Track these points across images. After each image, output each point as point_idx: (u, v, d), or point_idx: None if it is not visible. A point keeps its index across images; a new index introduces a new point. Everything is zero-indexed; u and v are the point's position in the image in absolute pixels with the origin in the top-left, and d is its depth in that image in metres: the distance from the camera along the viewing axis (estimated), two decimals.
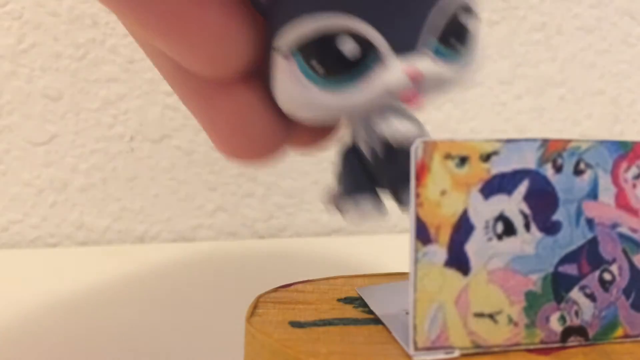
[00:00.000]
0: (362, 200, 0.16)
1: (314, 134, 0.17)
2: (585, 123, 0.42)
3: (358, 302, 0.18)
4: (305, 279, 0.22)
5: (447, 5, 0.14)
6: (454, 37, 0.14)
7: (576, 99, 0.41)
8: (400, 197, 0.16)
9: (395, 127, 0.15)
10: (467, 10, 0.14)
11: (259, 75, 0.15)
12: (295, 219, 0.38)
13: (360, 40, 0.14)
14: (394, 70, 0.14)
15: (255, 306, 0.18)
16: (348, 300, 0.18)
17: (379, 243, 0.36)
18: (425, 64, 0.14)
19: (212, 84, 0.16)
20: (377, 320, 0.17)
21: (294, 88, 0.14)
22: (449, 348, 0.14)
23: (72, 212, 0.36)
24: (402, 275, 0.20)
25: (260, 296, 0.19)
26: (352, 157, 0.16)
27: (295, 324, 0.16)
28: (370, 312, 0.17)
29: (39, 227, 0.36)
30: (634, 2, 0.41)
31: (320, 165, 0.38)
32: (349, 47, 0.14)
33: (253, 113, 0.16)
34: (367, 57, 0.14)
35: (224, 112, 0.16)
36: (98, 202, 0.36)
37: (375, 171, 0.16)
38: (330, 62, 0.14)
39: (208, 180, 0.37)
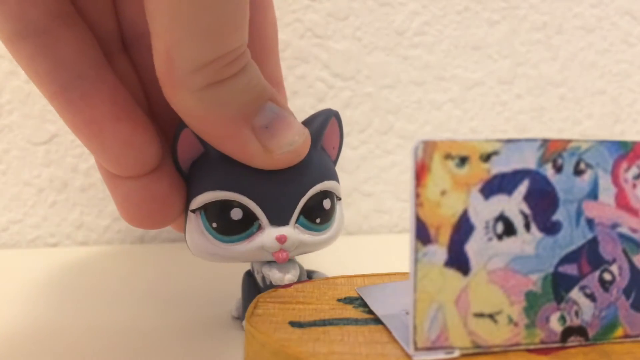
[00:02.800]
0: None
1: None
2: (585, 123, 0.42)
3: (358, 302, 0.18)
4: None
5: (313, 194, 0.20)
6: (315, 215, 0.20)
7: (576, 98, 0.41)
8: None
9: (271, 271, 0.20)
10: (327, 195, 0.20)
11: (158, 172, 0.20)
12: None
13: (249, 212, 0.19)
14: (268, 236, 0.19)
15: (255, 306, 0.18)
16: (348, 300, 0.18)
17: (379, 243, 0.36)
18: (290, 232, 0.19)
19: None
20: (377, 320, 0.17)
21: (199, 238, 0.20)
22: (449, 348, 0.14)
23: (72, 211, 0.36)
24: (402, 275, 0.20)
25: (260, 296, 0.19)
26: (251, 283, 0.22)
27: (295, 324, 0.16)
28: (370, 312, 0.17)
29: (39, 227, 0.36)
30: (634, 1, 0.41)
31: None
32: (236, 214, 0.19)
33: (155, 197, 0.20)
34: (252, 224, 0.19)
35: (129, 195, 0.20)
36: (98, 202, 0.36)
37: (264, 289, 0.21)
38: (224, 224, 0.19)
39: None
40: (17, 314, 0.24)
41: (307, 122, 0.21)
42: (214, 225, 0.19)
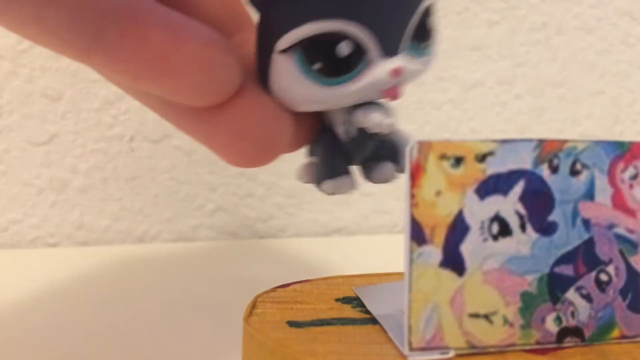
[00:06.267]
0: (337, 175, 0.18)
1: (306, 127, 0.18)
2: (585, 123, 0.42)
3: (356, 302, 0.18)
4: (305, 278, 0.22)
5: (421, 11, 0.16)
6: (423, 36, 0.17)
7: (576, 99, 0.41)
8: (368, 174, 0.18)
9: (370, 115, 0.17)
10: (430, 12, 0.17)
11: (250, 83, 0.16)
12: (295, 219, 0.38)
13: (358, 44, 0.15)
14: (382, 70, 0.16)
15: (253, 306, 0.18)
16: (346, 300, 0.18)
17: (379, 243, 0.36)
18: (404, 63, 0.16)
19: (207, 108, 0.16)
20: (374, 320, 0.17)
21: (294, 85, 0.16)
22: (444, 348, 0.14)
23: (72, 212, 0.36)
24: (401, 275, 0.20)
25: (258, 296, 0.19)
26: (328, 138, 0.18)
27: (293, 324, 0.16)
28: (368, 312, 0.17)
29: (39, 227, 0.36)
30: (634, 2, 0.41)
31: None
32: (345, 50, 0.15)
33: (252, 121, 0.16)
34: (360, 57, 0.16)
35: (224, 127, 0.16)
36: (98, 202, 0.36)
37: (349, 150, 0.17)
38: (328, 63, 0.16)
39: (208, 180, 0.37)
40: (17, 314, 0.24)
41: None
42: (317, 66, 0.16)
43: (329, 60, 0.16)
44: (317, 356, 0.14)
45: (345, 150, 0.18)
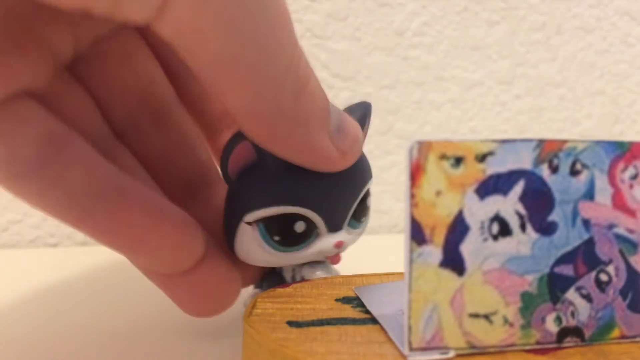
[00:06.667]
0: None
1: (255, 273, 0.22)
2: (585, 123, 0.42)
3: (356, 302, 0.18)
4: None
5: (363, 195, 0.20)
6: (360, 214, 0.21)
7: (576, 99, 0.41)
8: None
9: (316, 272, 0.21)
10: (367, 195, 0.21)
11: (210, 249, 0.19)
12: None
13: (310, 223, 0.19)
14: (327, 242, 0.20)
15: (253, 306, 0.18)
16: (346, 300, 0.18)
17: (379, 243, 0.36)
18: (345, 237, 0.20)
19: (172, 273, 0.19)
20: (374, 320, 0.17)
21: (257, 249, 0.19)
22: (444, 348, 0.14)
23: None
24: (401, 275, 0.20)
25: (258, 295, 0.19)
26: (274, 278, 0.22)
27: (293, 324, 0.16)
28: (368, 312, 0.17)
29: (39, 227, 0.36)
30: (634, 2, 0.41)
31: None
32: (300, 227, 0.19)
33: (207, 286, 0.19)
34: (311, 232, 0.19)
35: (184, 289, 0.19)
36: None
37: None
38: (285, 235, 0.19)
39: None
40: (16, 314, 0.24)
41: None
42: (276, 238, 0.19)
43: (287, 234, 0.19)
44: (317, 356, 0.14)
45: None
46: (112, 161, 0.19)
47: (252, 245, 0.19)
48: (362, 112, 0.20)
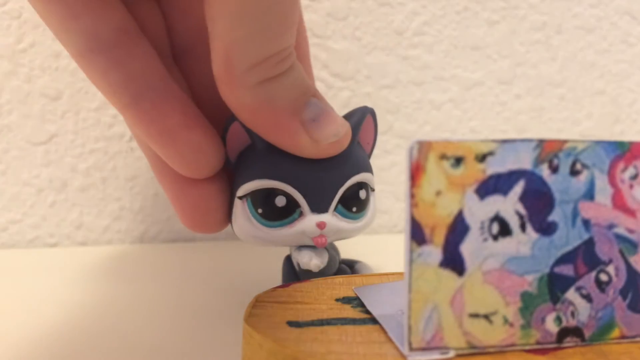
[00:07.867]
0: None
1: None
2: (585, 123, 0.42)
3: (356, 302, 0.18)
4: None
5: (350, 184, 0.21)
6: (353, 204, 0.21)
7: (576, 98, 0.41)
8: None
9: (300, 255, 0.21)
10: (362, 187, 0.22)
11: (218, 177, 0.22)
12: None
13: (291, 200, 0.21)
14: (309, 221, 0.21)
15: (253, 306, 0.18)
16: (346, 300, 0.18)
17: (379, 243, 0.36)
18: (329, 219, 0.21)
19: (186, 178, 0.21)
20: (374, 320, 0.17)
21: (245, 222, 0.21)
22: (444, 348, 0.14)
23: (72, 211, 0.36)
24: (401, 275, 0.21)
25: (258, 296, 0.19)
26: (288, 264, 0.23)
27: (293, 324, 0.16)
28: (368, 312, 0.17)
29: (39, 227, 0.36)
30: (634, 1, 0.41)
31: None
32: (280, 202, 0.21)
33: (211, 200, 0.21)
34: (294, 211, 0.21)
35: (190, 197, 0.21)
36: (98, 202, 0.36)
37: (301, 277, 0.22)
38: (268, 210, 0.21)
39: None
40: (16, 314, 0.24)
41: (345, 118, 0.22)
42: (260, 211, 0.21)
43: (269, 208, 0.21)
44: (317, 356, 0.14)
45: (300, 277, 0.23)
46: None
47: (242, 219, 0.21)
48: (359, 115, 0.22)
